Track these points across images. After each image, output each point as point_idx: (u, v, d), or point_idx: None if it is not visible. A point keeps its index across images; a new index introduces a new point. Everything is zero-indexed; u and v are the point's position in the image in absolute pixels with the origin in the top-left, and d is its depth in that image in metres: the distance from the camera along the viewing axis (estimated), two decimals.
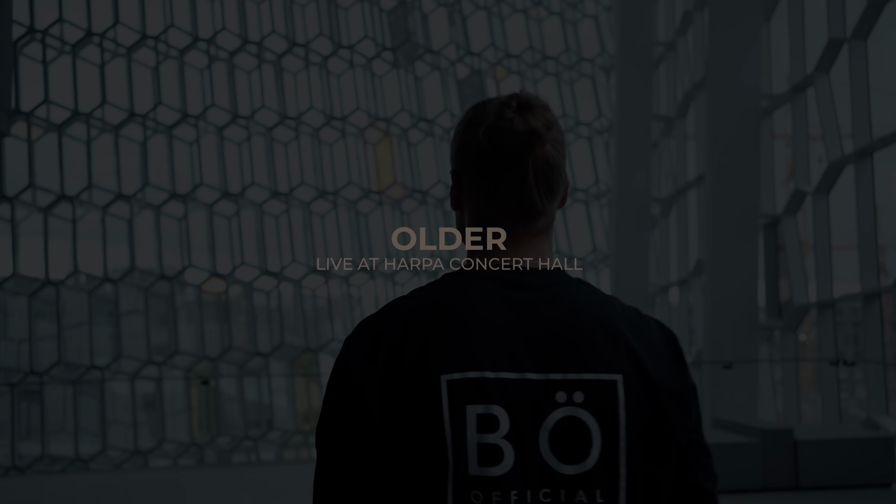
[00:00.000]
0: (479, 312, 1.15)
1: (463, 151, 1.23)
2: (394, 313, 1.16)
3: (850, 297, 10.76)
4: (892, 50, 10.69)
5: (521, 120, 1.19)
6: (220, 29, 17.29)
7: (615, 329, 1.18)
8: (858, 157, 10.30)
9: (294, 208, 17.78)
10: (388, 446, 1.11)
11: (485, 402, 1.10)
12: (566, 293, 1.19)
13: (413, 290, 1.21)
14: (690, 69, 15.50)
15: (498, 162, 1.19)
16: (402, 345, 1.12)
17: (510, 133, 1.18)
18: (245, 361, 17.10)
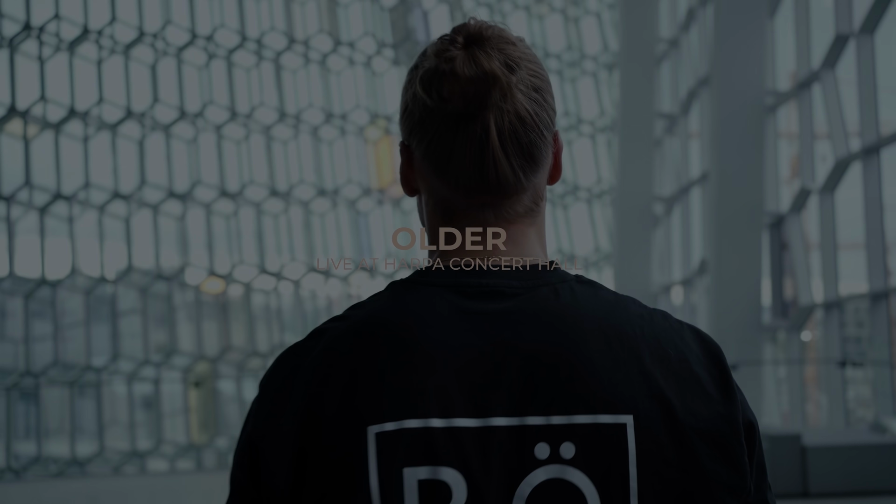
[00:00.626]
0: (426, 333, 0.82)
1: (406, 114, 0.91)
2: (317, 343, 0.84)
3: (856, 296, 10.59)
4: None
5: (468, 59, 0.85)
6: (219, 26, 17.13)
7: (628, 346, 0.83)
8: (865, 155, 10.13)
9: (293, 207, 17.64)
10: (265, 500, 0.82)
11: (430, 462, 0.78)
12: (556, 299, 0.85)
13: (349, 308, 0.89)
14: (694, 66, 15.34)
15: (445, 121, 0.86)
16: (322, 387, 0.81)
17: (453, 79, 0.85)
18: (244, 362, 16.96)
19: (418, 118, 0.88)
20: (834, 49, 10.85)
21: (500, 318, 0.83)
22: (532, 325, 0.83)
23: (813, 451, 5.82)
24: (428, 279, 0.87)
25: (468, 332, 0.83)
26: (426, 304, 0.84)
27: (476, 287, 0.84)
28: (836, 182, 11.00)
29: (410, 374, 0.80)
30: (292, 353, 0.86)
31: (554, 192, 19.19)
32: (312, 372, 0.82)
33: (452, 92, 0.85)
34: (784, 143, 13.75)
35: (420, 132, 0.88)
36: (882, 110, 10.18)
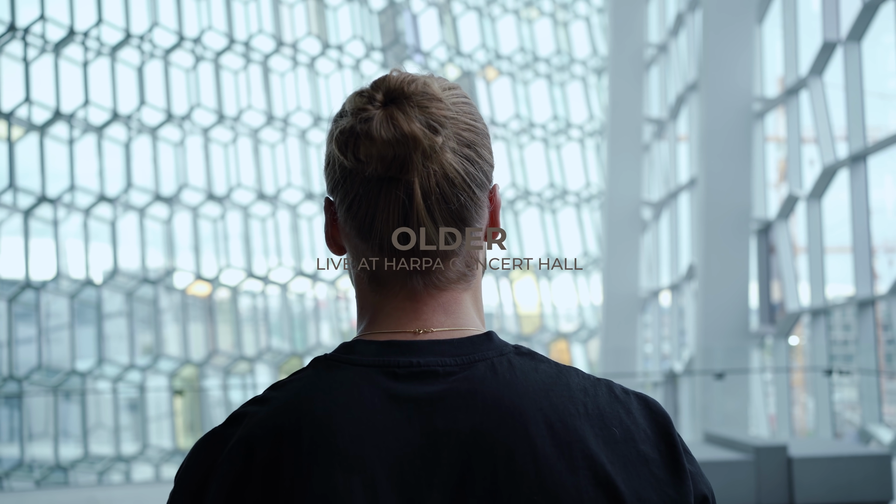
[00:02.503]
0: (352, 429, 0.74)
1: (328, 168, 0.87)
2: (235, 432, 0.76)
3: (843, 301, 10.60)
4: (886, 52, 10.53)
5: (386, 119, 0.79)
6: (207, 28, 17.05)
7: (568, 429, 0.76)
8: (853, 162, 10.14)
9: (281, 210, 17.56)
10: None
11: None
12: (492, 378, 0.78)
13: (269, 388, 0.81)
14: (682, 71, 15.35)
15: (364, 184, 0.82)
16: (242, 485, 0.73)
17: (369, 141, 0.80)
18: (230, 365, 16.86)
19: (339, 176, 0.85)
20: (821, 56, 10.87)
21: (432, 403, 0.76)
22: (468, 411, 0.76)
23: (799, 462, 5.80)
24: (353, 357, 0.80)
25: (398, 421, 0.75)
26: (352, 391, 0.76)
27: (406, 367, 0.78)
28: (824, 189, 11.01)
29: (335, 474, 0.73)
30: (208, 445, 0.78)
31: (542, 196, 19.17)
32: (231, 468, 0.74)
33: (370, 155, 0.80)
34: (772, 147, 13.77)
35: (341, 192, 0.86)
36: (869, 116, 10.20)
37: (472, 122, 0.83)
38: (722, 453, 5.94)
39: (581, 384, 0.80)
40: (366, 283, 0.85)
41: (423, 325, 0.81)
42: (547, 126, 19.52)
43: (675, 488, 0.78)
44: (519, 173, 19.13)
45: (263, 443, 0.75)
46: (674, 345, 15.96)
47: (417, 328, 0.80)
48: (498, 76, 19.58)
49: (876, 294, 9.75)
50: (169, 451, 16.03)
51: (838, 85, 10.67)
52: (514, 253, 18.83)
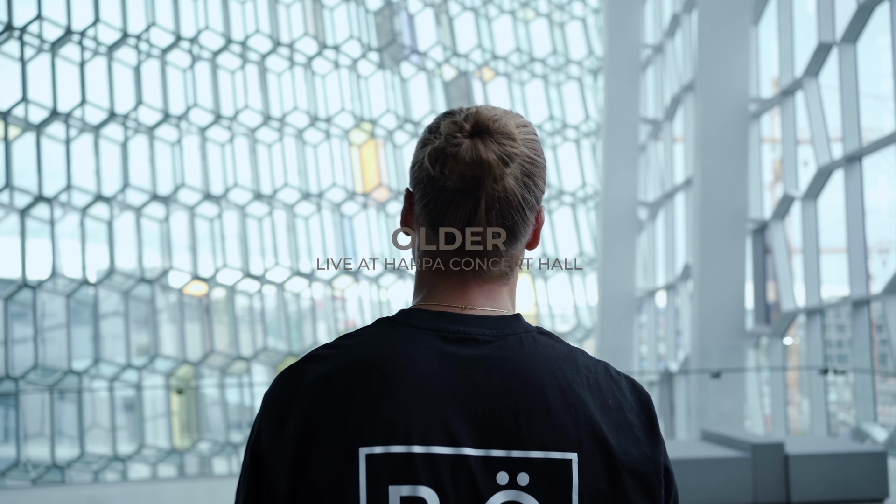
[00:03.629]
0: (411, 372, 0.95)
1: (415, 170, 1.06)
2: (314, 368, 0.97)
3: (837, 301, 10.66)
4: (881, 54, 10.59)
5: (471, 148, 1.00)
6: (204, 28, 17.07)
7: (574, 394, 0.99)
8: (847, 163, 10.21)
9: (277, 210, 17.58)
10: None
11: (411, 482, 0.92)
12: (520, 348, 0.99)
13: (339, 337, 1.02)
14: (678, 72, 15.41)
15: (442, 191, 1.01)
16: (319, 409, 0.94)
17: (453, 161, 1.00)
18: (227, 365, 16.88)
19: (423, 178, 1.03)
20: (817, 57, 10.93)
21: (473, 362, 0.97)
22: (500, 372, 0.97)
23: (795, 459, 5.85)
24: (412, 321, 0.99)
25: (446, 373, 0.96)
26: (411, 346, 0.97)
27: (454, 333, 0.98)
28: (819, 189, 11.08)
29: (397, 406, 0.93)
30: (292, 375, 0.98)
31: None
32: (311, 395, 0.95)
33: (453, 171, 1.00)
34: (767, 148, 13.83)
35: (422, 190, 1.03)
36: (863, 117, 10.27)
37: (534, 157, 1.08)
38: (719, 451, 5.99)
39: (586, 362, 1.03)
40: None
41: (469, 304, 1.01)
42: (543, 126, 19.56)
43: (651, 448, 1.01)
44: None
45: (339, 379, 0.95)
46: (669, 345, 16.02)
47: (464, 305, 1.01)
48: (494, 77, 19.63)
49: (871, 294, 9.82)
50: (165, 450, 16.03)
51: (833, 86, 10.74)
52: None
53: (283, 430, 0.94)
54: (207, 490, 7.46)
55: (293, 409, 0.95)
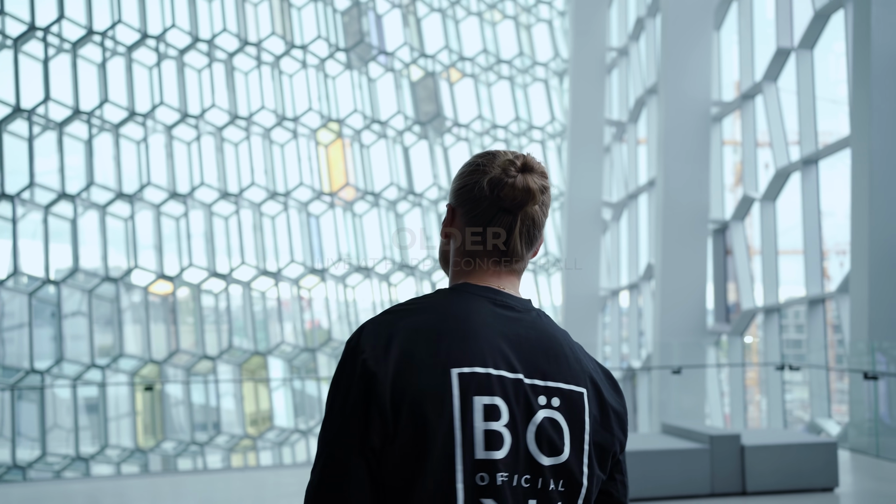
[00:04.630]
0: (478, 318, 1.30)
1: (463, 191, 1.39)
2: (403, 316, 1.29)
3: (794, 301, 10.92)
4: (839, 59, 10.89)
5: (523, 179, 1.36)
6: (170, 26, 16.98)
7: (576, 353, 1.37)
8: (804, 165, 10.48)
9: (244, 209, 17.54)
10: (399, 437, 1.22)
11: (489, 393, 1.25)
12: (539, 319, 1.37)
13: (409, 300, 1.34)
14: (642, 75, 15.64)
15: (493, 209, 1.36)
16: (415, 344, 1.25)
17: (510, 188, 1.35)
18: (192, 365, 16.80)
19: (473, 197, 1.37)
20: (776, 62, 11.20)
21: (514, 321, 1.34)
22: (532, 329, 1.35)
23: (751, 450, 6.03)
24: (468, 289, 1.36)
25: (500, 324, 1.32)
26: (474, 304, 1.33)
27: (499, 301, 1.35)
28: (778, 191, 11.34)
29: (472, 341, 1.28)
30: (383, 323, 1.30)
31: None
32: (407, 335, 1.27)
33: (506, 196, 1.35)
34: (729, 151, 14.10)
35: (470, 205, 1.38)
36: (821, 121, 10.54)
37: (549, 189, 1.41)
38: (678, 443, 6.15)
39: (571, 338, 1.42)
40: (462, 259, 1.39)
41: (501, 286, 1.38)
42: (509, 128, 19.73)
43: (620, 398, 1.40)
44: None
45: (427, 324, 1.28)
46: (633, 345, 16.24)
47: (499, 286, 1.37)
48: (461, 78, 19.75)
49: (825, 294, 10.09)
50: (129, 449, 15.92)
51: (793, 90, 11.01)
52: None
53: (387, 357, 1.24)
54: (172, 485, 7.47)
55: (393, 344, 1.25)
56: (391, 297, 18.49)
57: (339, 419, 1.24)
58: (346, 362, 1.26)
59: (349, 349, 1.27)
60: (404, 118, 19.00)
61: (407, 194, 18.71)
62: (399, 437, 1.21)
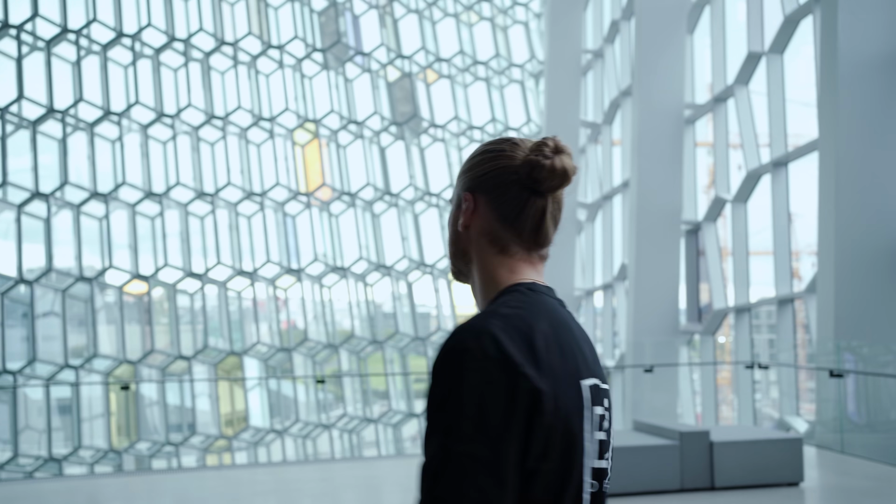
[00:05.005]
0: (569, 324, 1.27)
1: (488, 177, 1.30)
2: (527, 322, 1.20)
3: (765, 301, 11.10)
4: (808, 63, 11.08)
5: (560, 160, 1.28)
6: (146, 25, 16.92)
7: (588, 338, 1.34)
8: (774, 167, 10.66)
9: (220, 209, 17.50)
10: (551, 455, 1.17)
11: (599, 403, 1.24)
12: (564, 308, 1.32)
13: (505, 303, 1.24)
14: (617, 77, 15.79)
15: (525, 194, 1.28)
16: (550, 353, 1.19)
17: (548, 171, 1.27)
18: (167, 365, 16.74)
19: (502, 182, 1.29)
20: (747, 66, 11.38)
21: (572, 317, 1.31)
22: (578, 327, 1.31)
23: (719, 446, 6.16)
24: (536, 289, 1.27)
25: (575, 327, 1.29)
26: (553, 307, 1.26)
27: (557, 298, 1.30)
28: (749, 193, 11.52)
29: (577, 348, 1.24)
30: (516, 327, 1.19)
31: None
32: (541, 342, 1.19)
33: (543, 178, 1.27)
34: (703, 152, 14.28)
35: (499, 193, 1.29)
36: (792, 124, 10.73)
37: None
38: (649, 439, 6.27)
39: None
40: (492, 249, 1.31)
41: (538, 278, 1.31)
42: (485, 129, 19.83)
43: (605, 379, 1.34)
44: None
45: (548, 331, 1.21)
46: (606, 344, 16.40)
47: (537, 279, 1.30)
48: (438, 79, 19.82)
49: (794, 293, 10.27)
50: (103, 450, 15.84)
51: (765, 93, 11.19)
52: None
53: (541, 370, 1.16)
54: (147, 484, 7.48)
55: (537, 355, 1.16)
56: (367, 297, 18.53)
57: (492, 443, 1.10)
58: (493, 375, 1.12)
59: (495, 360, 1.12)
60: (381, 119, 19.04)
61: (383, 194, 18.76)
62: (551, 454, 1.16)
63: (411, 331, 18.52)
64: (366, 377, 18.77)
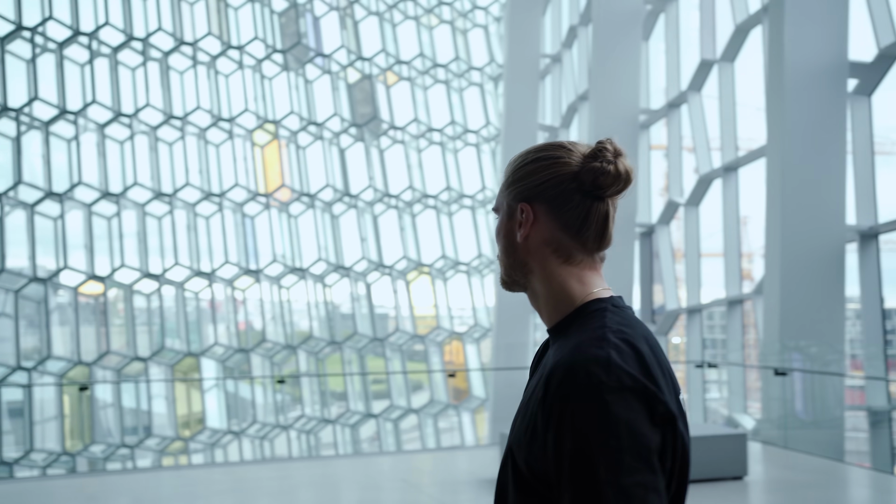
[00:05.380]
0: (656, 340, 1.25)
1: (548, 185, 1.27)
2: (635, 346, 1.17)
3: (716, 302, 11.38)
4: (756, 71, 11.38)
5: (623, 164, 1.26)
6: (103, 24, 16.77)
7: None
8: (725, 172, 10.93)
9: (178, 210, 17.40)
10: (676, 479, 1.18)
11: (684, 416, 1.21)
12: None
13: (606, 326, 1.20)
14: (574, 81, 16.01)
15: (589, 199, 1.25)
16: (660, 372, 1.17)
17: (612, 175, 1.24)
18: (123, 366, 16.59)
19: (564, 190, 1.26)
20: (700, 73, 11.65)
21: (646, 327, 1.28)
22: None
23: None
24: (620, 305, 1.26)
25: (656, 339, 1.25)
26: (639, 323, 1.24)
27: (631, 309, 1.29)
28: (701, 196, 11.79)
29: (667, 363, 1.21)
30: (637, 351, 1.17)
31: (439, 199, 19.61)
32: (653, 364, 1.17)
33: (607, 184, 1.25)
34: (659, 156, 14.54)
35: (560, 201, 1.26)
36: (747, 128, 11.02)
37: None
38: None
39: None
40: (557, 259, 1.28)
41: (603, 284, 1.29)
42: (444, 131, 19.97)
43: None
44: (417, 176, 19.52)
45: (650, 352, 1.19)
46: None
47: (603, 286, 1.28)
48: (398, 81, 19.91)
49: (743, 294, 10.55)
50: (56, 453, 15.64)
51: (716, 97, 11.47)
52: (411, 255, 19.17)
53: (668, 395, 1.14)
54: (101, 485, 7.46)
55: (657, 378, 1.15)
56: (325, 298, 18.54)
57: (651, 466, 1.09)
58: (633, 404, 1.11)
59: (632, 390, 1.11)
60: (341, 120, 19.08)
61: (343, 196, 18.79)
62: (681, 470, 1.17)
63: (370, 332, 18.58)
64: (324, 378, 18.79)
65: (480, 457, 8.12)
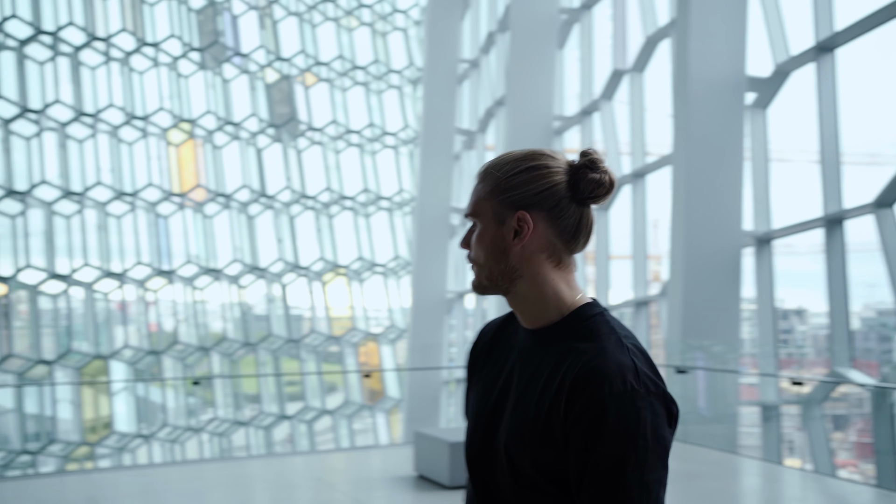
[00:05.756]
0: None
1: (545, 194, 1.31)
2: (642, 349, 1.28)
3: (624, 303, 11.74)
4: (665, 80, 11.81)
5: (611, 175, 1.32)
6: (10, 16, 16.24)
7: None
8: (634, 178, 11.31)
9: (88, 209, 16.96)
10: None
11: None
12: None
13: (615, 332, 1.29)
14: (492, 86, 16.27)
15: (580, 207, 1.31)
16: None
17: (606, 186, 1.31)
18: (26, 370, 16.07)
19: (559, 199, 1.31)
20: (611, 82, 12.02)
21: None
22: None
23: None
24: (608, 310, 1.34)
25: None
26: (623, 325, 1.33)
27: None
28: (611, 202, 12.16)
29: None
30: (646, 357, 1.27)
31: (357, 201, 19.64)
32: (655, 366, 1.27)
33: (600, 193, 1.31)
34: None
35: (557, 210, 1.31)
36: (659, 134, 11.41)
37: None
38: None
39: None
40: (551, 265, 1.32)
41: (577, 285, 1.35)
42: (363, 133, 20.00)
43: None
44: (334, 178, 19.50)
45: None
46: None
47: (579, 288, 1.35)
48: (317, 82, 19.86)
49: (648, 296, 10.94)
50: None
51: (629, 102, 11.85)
52: (328, 256, 19.14)
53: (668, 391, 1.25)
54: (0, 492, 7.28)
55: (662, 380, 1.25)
56: (240, 299, 18.35)
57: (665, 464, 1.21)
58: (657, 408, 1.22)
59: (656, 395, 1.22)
60: (258, 120, 18.92)
61: (259, 196, 18.63)
62: None
63: (285, 333, 18.47)
64: (238, 379, 18.58)
65: (395, 455, 8.22)
